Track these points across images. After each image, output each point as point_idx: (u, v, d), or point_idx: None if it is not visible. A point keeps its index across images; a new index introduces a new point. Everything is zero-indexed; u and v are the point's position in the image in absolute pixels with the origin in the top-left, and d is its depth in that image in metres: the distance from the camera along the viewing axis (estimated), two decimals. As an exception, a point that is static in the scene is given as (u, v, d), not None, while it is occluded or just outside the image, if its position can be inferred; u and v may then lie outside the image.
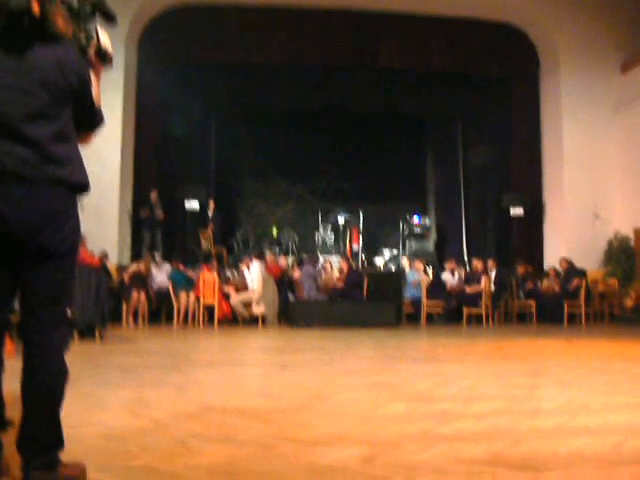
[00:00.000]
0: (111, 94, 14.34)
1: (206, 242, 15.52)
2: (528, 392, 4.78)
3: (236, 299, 12.82)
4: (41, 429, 2.42)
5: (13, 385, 2.46)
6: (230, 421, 3.65)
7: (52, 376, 2.46)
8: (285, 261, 14.95)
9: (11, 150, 2.38)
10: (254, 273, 12.93)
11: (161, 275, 13.42)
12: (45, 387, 2.43)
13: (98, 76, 2.72)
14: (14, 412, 2.46)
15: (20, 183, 2.38)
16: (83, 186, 2.57)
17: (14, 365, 2.51)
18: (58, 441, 2.47)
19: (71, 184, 2.51)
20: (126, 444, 3.10)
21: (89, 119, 2.68)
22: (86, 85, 2.60)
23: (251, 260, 13.26)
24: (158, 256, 13.81)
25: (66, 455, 2.54)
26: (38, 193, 2.40)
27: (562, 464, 2.80)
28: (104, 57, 2.72)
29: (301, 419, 3.73)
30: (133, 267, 13.05)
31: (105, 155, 14.31)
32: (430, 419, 3.72)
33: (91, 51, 2.67)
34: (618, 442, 3.18)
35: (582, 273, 14.64)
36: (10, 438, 2.48)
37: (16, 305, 2.62)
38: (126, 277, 12.75)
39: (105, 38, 2.71)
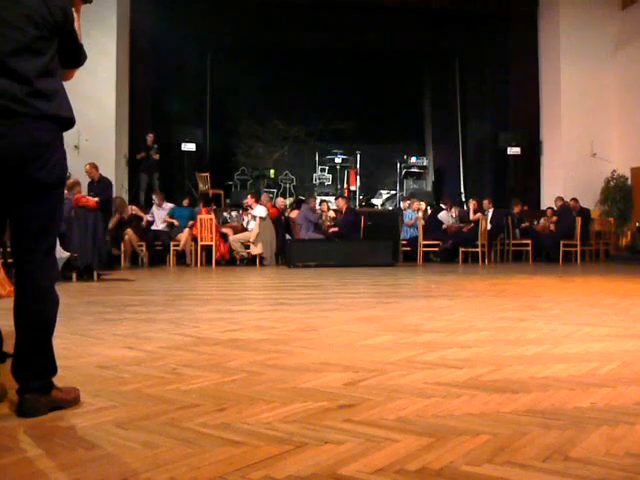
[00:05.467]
0: (104, 36, 14.22)
1: (203, 183, 15.56)
2: (515, 324, 4.89)
3: (234, 238, 12.94)
4: (34, 355, 2.52)
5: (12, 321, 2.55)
6: (221, 351, 3.77)
7: (43, 303, 2.55)
8: (283, 202, 15.01)
9: None
10: (259, 212, 12.94)
11: (160, 215, 13.50)
12: (37, 314, 2.53)
13: (78, 13, 2.74)
14: (12, 346, 2.56)
15: (7, 117, 2.42)
16: (69, 121, 2.62)
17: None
18: (51, 366, 2.58)
19: (57, 118, 2.55)
20: (119, 372, 3.22)
21: (73, 55, 2.70)
22: (71, 20, 2.63)
23: (256, 202, 13.30)
24: (158, 197, 13.78)
25: (62, 382, 2.66)
26: (26, 127, 2.45)
27: (538, 386, 2.91)
28: None
29: (290, 349, 3.85)
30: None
31: (100, 99, 14.28)
32: (416, 349, 3.83)
33: None
34: (593, 367, 3.30)
35: (585, 212, 14.73)
36: (8, 366, 2.59)
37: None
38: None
39: None
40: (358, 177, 18.01)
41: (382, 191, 18.56)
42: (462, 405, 2.62)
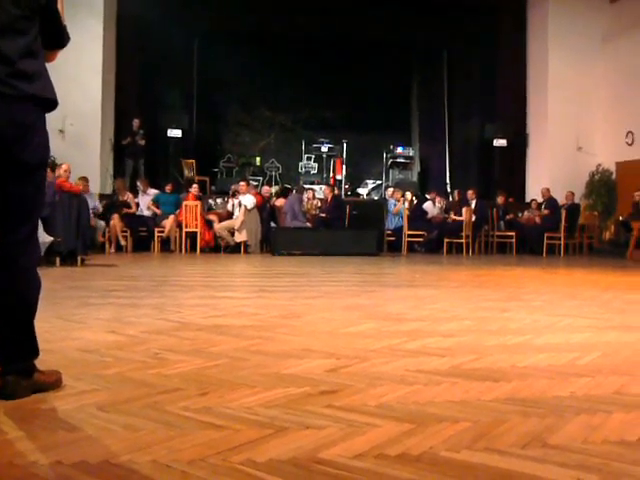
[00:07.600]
0: (91, 20, 14.12)
1: (188, 170, 15.50)
2: (497, 314, 4.92)
3: (220, 226, 12.92)
4: (15, 337, 2.51)
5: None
6: (204, 337, 3.77)
7: (25, 285, 2.54)
8: (268, 190, 15.02)
9: None
10: (247, 202, 12.89)
11: (145, 201, 13.50)
12: (19, 296, 2.51)
13: None
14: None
15: None
16: (52, 102, 2.59)
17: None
18: (33, 349, 2.56)
19: (40, 99, 2.53)
20: (102, 356, 3.22)
21: (56, 36, 2.67)
22: (54, 0, 2.60)
23: (246, 188, 13.26)
24: (143, 184, 13.81)
25: (44, 365, 2.64)
26: (8, 107, 2.42)
27: (519, 375, 2.94)
28: None
29: (273, 335, 3.86)
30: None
31: (86, 83, 14.18)
32: (398, 337, 3.85)
33: None
34: (574, 358, 3.33)
35: (574, 207, 14.86)
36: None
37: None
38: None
39: None
40: (344, 166, 17.95)
41: (368, 181, 18.52)
42: (443, 392, 2.64)
